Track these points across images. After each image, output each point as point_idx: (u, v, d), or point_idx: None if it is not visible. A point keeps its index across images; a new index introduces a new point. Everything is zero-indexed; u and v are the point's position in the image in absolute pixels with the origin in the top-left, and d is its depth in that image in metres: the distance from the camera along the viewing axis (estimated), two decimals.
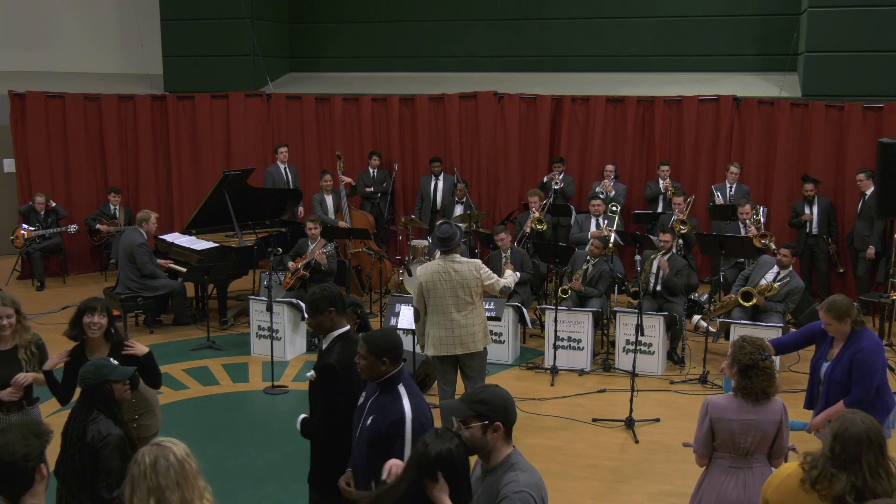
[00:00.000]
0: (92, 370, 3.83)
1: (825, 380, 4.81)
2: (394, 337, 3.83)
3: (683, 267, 8.48)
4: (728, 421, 3.89)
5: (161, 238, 9.95)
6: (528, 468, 3.08)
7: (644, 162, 11.36)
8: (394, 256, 11.39)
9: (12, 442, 2.73)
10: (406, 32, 13.07)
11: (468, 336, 5.91)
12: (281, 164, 11.38)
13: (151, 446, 2.77)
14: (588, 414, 6.98)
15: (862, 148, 10.12)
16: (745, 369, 3.88)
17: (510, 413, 3.10)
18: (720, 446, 3.94)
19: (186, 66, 12.87)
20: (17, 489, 2.73)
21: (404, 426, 3.57)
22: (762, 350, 3.89)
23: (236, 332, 9.32)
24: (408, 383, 3.75)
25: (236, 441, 6.48)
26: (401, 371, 3.76)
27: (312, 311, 4.25)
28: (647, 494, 5.70)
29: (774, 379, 3.90)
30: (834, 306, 4.72)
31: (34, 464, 2.74)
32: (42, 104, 11.86)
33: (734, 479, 3.90)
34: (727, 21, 11.78)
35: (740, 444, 3.89)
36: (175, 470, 2.71)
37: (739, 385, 3.92)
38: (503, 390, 3.16)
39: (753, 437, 3.87)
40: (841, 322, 4.71)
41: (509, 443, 3.11)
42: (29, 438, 2.76)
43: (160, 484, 2.68)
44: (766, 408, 3.88)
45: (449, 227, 5.94)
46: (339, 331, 4.26)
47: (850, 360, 4.67)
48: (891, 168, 8.22)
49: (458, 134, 11.87)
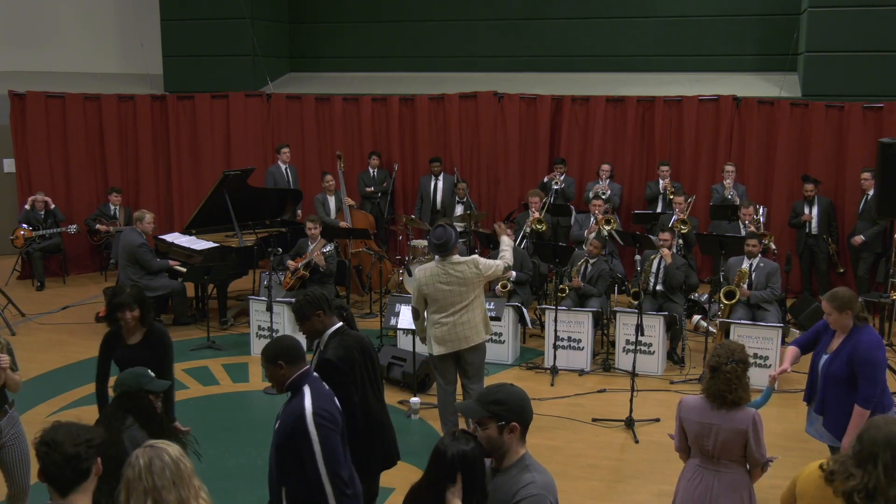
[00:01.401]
0: (131, 378, 3.82)
1: (822, 372, 4.83)
2: (286, 339, 3.84)
3: (683, 267, 8.48)
4: (690, 421, 4.01)
5: (161, 238, 9.94)
6: (542, 470, 3.05)
7: (644, 162, 11.36)
8: (394, 256, 11.40)
9: (75, 431, 2.78)
10: (406, 32, 13.07)
11: (471, 329, 5.89)
12: (282, 165, 11.38)
13: (145, 448, 2.77)
14: (588, 414, 6.98)
15: (862, 148, 10.13)
16: (710, 370, 3.97)
17: (526, 413, 3.05)
18: (691, 444, 4.06)
19: (186, 66, 12.87)
20: (75, 476, 2.74)
21: (305, 421, 3.54)
22: (731, 355, 3.92)
23: (236, 332, 9.32)
24: (314, 384, 3.72)
25: (236, 441, 6.48)
26: (305, 373, 3.73)
27: (301, 318, 4.38)
28: (647, 494, 5.70)
29: (734, 386, 3.89)
30: (835, 297, 4.75)
31: (95, 451, 2.79)
32: (42, 104, 11.87)
33: (700, 479, 4.00)
34: (727, 21, 11.78)
35: (704, 445, 3.97)
36: (170, 470, 2.71)
37: (703, 385, 4.03)
38: (518, 389, 3.09)
39: (714, 441, 3.92)
40: (841, 313, 4.72)
41: (524, 443, 3.07)
42: (88, 430, 2.82)
43: (156, 484, 2.68)
44: (731, 415, 3.90)
45: (443, 230, 5.84)
46: (333, 328, 4.40)
47: (848, 355, 4.68)
48: (891, 168, 8.21)
49: (458, 134, 11.88)
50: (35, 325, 9.42)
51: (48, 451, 2.74)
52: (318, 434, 3.53)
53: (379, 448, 4.56)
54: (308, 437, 3.52)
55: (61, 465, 2.73)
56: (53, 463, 2.74)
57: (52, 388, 7.54)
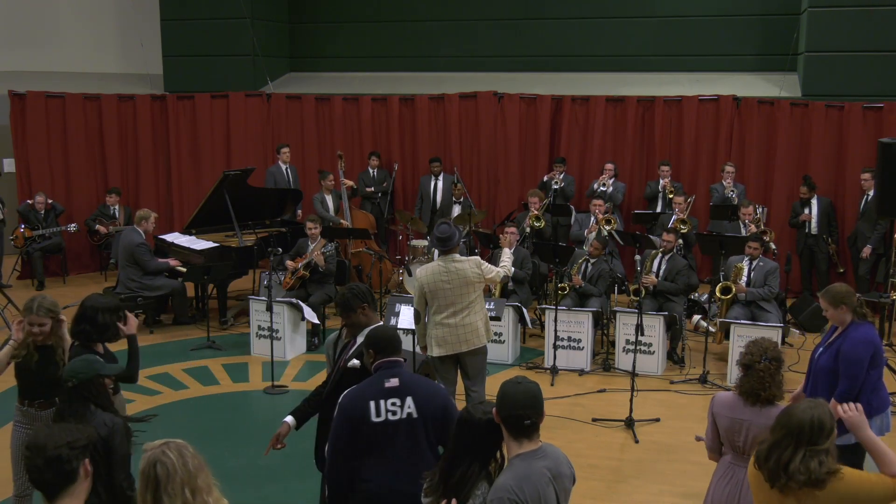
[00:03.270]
0: (83, 365, 3.70)
1: (813, 364, 4.91)
2: (385, 331, 3.99)
3: (683, 267, 8.49)
4: (722, 417, 4.00)
5: (161, 238, 9.95)
6: (520, 468, 3.04)
7: (644, 162, 11.36)
8: (394, 256, 11.40)
9: (57, 432, 2.73)
10: (406, 32, 13.07)
11: (471, 332, 5.92)
12: (283, 164, 11.38)
13: (166, 443, 2.76)
14: (588, 414, 6.98)
15: (862, 148, 10.13)
16: (744, 368, 3.97)
17: (508, 410, 3.09)
18: (724, 441, 4.04)
19: (186, 66, 12.87)
20: (60, 480, 2.69)
21: (339, 405, 3.76)
22: (764, 353, 3.91)
23: (236, 332, 9.32)
24: (378, 376, 3.81)
25: (236, 441, 6.47)
26: (383, 364, 3.84)
27: (346, 309, 4.31)
28: (647, 494, 5.70)
29: (768, 384, 3.88)
30: (829, 291, 4.85)
31: (78, 453, 2.72)
32: (42, 104, 11.87)
33: (732, 476, 3.97)
34: (727, 21, 11.78)
35: (735, 441, 3.95)
36: (194, 457, 2.77)
37: (738, 382, 4.01)
38: (512, 387, 3.17)
39: (745, 437, 3.91)
40: (836, 308, 4.79)
41: (516, 443, 3.10)
42: (73, 430, 2.77)
43: (190, 472, 2.71)
44: (763, 412, 3.89)
45: (448, 227, 5.95)
46: (373, 327, 4.28)
47: (837, 349, 4.74)
48: (891, 168, 8.21)
49: (458, 134, 11.87)
50: None
51: (30, 455, 2.70)
52: (336, 420, 3.76)
53: None
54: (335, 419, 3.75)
55: (43, 468, 2.68)
56: (35, 467, 2.69)
57: None
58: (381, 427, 3.67)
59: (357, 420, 3.66)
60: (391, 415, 3.69)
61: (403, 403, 3.72)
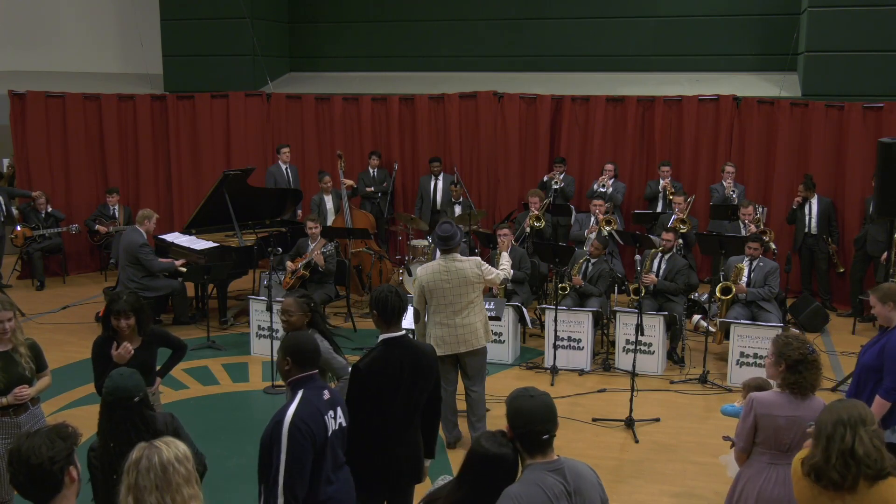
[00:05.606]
0: (134, 377, 3.58)
1: (858, 361, 4.89)
2: (303, 339, 3.77)
3: (683, 267, 8.49)
4: (775, 417, 3.84)
5: (161, 238, 9.95)
6: (526, 482, 2.97)
7: (644, 162, 11.36)
8: (394, 256, 11.39)
9: (38, 445, 2.70)
10: (406, 32, 13.07)
11: (471, 333, 5.93)
12: (283, 164, 11.38)
13: (144, 444, 2.72)
14: (588, 414, 6.98)
15: (862, 148, 10.12)
16: (795, 364, 3.84)
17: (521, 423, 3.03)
18: (762, 442, 3.91)
19: (186, 66, 12.87)
20: (45, 493, 2.69)
21: (281, 427, 3.49)
22: (807, 344, 3.88)
23: (236, 331, 9.32)
24: (312, 392, 3.64)
25: (236, 441, 6.47)
26: (308, 378, 3.68)
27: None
28: (647, 494, 5.70)
29: (822, 373, 3.90)
30: (880, 289, 4.82)
31: (61, 465, 2.70)
32: (42, 104, 11.87)
33: (774, 475, 3.87)
34: (727, 21, 11.78)
35: (783, 439, 3.84)
36: (155, 473, 2.63)
37: (788, 381, 3.87)
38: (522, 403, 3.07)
39: (796, 433, 3.82)
40: (884, 305, 4.76)
41: (530, 456, 3.02)
42: (55, 441, 2.72)
43: (139, 483, 2.62)
44: (811, 404, 3.84)
45: (450, 226, 5.95)
46: (389, 335, 4.23)
47: (882, 347, 4.71)
48: (891, 168, 8.20)
49: (458, 134, 11.87)
50: (35, 325, 9.42)
51: (11, 463, 2.70)
52: (288, 444, 3.46)
53: (381, 471, 4.18)
54: (279, 443, 3.48)
55: (27, 484, 2.69)
56: (20, 483, 2.70)
57: (52, 388, 7.37)
58: (329, 439, 3.63)
59: (321, 437, 3.57)
60: (333, 425, 3.67)
61: (336, 414, 3.71)
